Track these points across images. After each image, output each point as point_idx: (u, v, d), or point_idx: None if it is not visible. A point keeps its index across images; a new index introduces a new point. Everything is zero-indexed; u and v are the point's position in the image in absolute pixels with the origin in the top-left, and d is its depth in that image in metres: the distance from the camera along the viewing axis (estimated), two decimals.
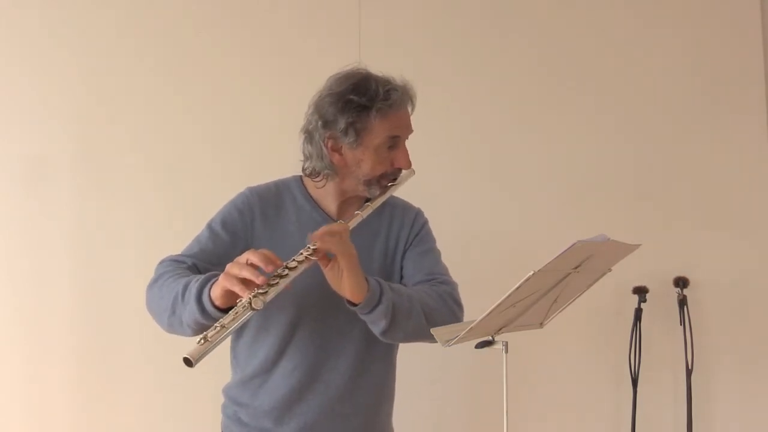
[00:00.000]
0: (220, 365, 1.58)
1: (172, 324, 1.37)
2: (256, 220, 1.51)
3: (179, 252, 1.49)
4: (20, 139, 2.41)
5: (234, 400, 1.54)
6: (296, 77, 2.43)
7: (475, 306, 1.33)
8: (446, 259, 1.65)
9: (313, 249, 1.32)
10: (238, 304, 1.24)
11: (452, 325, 1.43)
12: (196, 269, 1.44)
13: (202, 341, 1.19)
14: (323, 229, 1.35)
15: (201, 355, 1.18)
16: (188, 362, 1.17)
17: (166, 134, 2.45)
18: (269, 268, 1.26)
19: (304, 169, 1.54)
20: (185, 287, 1.33)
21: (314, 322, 1.49)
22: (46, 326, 2.37)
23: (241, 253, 1.45)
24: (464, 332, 1.28)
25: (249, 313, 1.23)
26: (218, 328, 1.21)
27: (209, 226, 1.51)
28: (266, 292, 1.24)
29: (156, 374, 2.34)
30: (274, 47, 2.50)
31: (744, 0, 2.54)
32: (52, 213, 2.40)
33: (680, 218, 2.49)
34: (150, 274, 1.47)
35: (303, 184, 1.57)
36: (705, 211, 2.49)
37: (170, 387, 2.34)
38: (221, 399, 1.59)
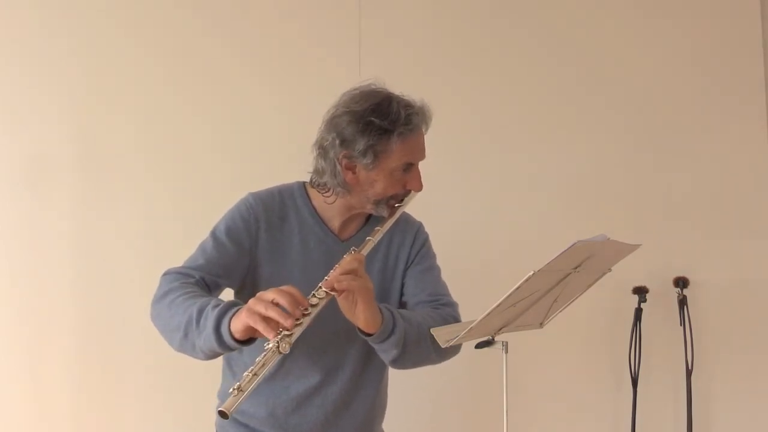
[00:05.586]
0: (217, 368, 1.59)
1: (183, 346, 1.33)
2: (260, 230, 1.49)
3: (184, 256, 1.47)
4: (20, 139, 2.41)
5: None
6: (296, 77, 2.43)
7: (475, 306, 1.33)
8: (446, 260, 1.65)
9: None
10: (266, 349, 1.21)
11: (452, 325, 1.44)
12: (203, 283, 1.42)
13: (236, 392, 1.17)
14: (338, 270, 1.32)
15: (235, 406, 1.16)
16: (224, 415, 1.15)
17: (166, 133, 2.44)
18: (297, 313, 1.22)
19: (312, 181, 1.53)
20: (200, 312, 1.29)
21: (314, 337, 1.45)
22: (47, 326, 2.36)
23: (245, 264, 1.47)
24: (464, 332, 1.29)
25: (277, 357, 1.21)
26: (250, 376, 1.19)
27: (213, 235, 1.48)
28: (291, 334, 1.22)
29: (155, 375, 2.33)
30: (274, 47, 2.50)
31: (744, 0, 2.54)
32: (53, 213, 2.39)
33: (680, 218, 2.48)
34: (150, 274, 1.47)
35: (307, 194, 1.55)
36: (705, 211, 2.49)
37: (169, 388, 2.34)
38: (216, 401, 1.58)
